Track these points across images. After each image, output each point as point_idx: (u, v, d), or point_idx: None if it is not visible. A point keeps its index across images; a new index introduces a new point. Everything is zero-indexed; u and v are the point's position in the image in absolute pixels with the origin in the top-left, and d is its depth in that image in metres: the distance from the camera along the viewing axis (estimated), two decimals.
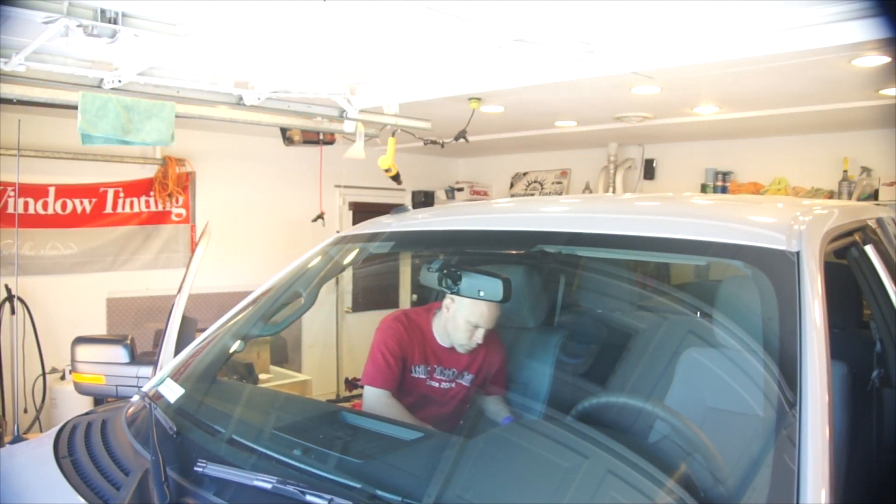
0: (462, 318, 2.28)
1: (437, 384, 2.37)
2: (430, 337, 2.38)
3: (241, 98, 3.84)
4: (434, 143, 5.36)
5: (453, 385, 2.38)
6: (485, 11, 2.66)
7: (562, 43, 3.02)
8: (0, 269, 5.07)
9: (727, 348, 1.72)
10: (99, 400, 4.45)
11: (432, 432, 1.79)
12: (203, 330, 2.31)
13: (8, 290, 4.99)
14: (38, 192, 5.34)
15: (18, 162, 4.89)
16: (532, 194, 7.43)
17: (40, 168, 5.25)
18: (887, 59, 3.35)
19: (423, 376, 2.35)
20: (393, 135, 4.72)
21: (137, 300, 5.85)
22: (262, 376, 4.49)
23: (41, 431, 4.66)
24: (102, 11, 2.49)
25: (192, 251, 3.89)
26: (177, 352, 2.37)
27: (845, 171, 5.49)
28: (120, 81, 3.32)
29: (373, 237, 2.41)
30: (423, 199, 7.80)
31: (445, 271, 1.87)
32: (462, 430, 2.23)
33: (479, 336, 2.29)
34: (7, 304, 4.98)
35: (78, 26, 2.46)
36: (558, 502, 1.36)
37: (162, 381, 2.02)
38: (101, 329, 5.65)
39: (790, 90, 4.17)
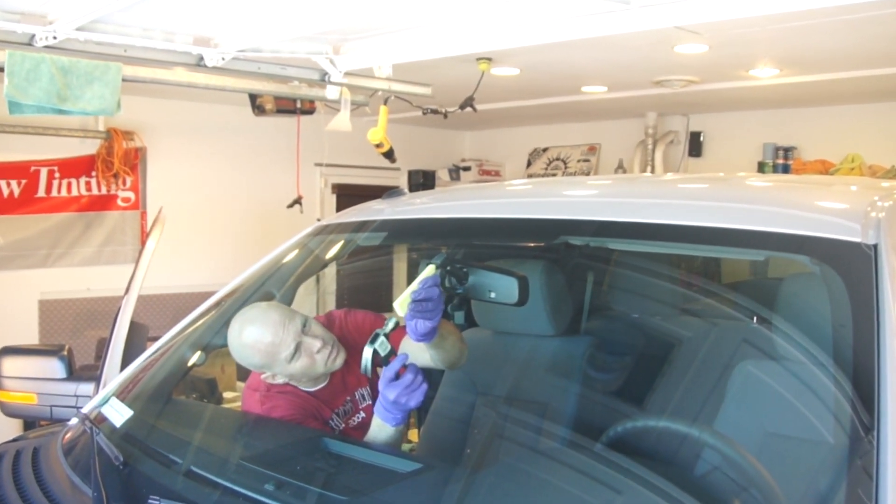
0: (294, 369, 2.13)
1: (352, 422, 2.28)
2: (304, 395, 2.22)
3: (201, 58, 3.83)
4: (435, 112, 5.35)
5: (363, 413, 2.30)
6: None
7: None
8: None
9: (790, 361, 1.72)
10: (29, 423, 4.47)
11: (432, 463, 1.79)
12: (156, 339, 2.32)
13: None
14: None
15: None
16: (554, 174, 7.44)
17: None
18: None
19: (341, 422, 2.25)
20: (385, 103, 4.72)
21: (76, 302, 5.87)
22: (226, 394, 4.50)
23: None
24: None
25: (143, 243, 3.90)
26: (123, 365, 2.38)
27: None
28: (55, 38, 3.32)
29: (361, 226, 2.41)
30: (423, 181, 7.80)
31: (449, 268, 1.86)
32: (467, 460, 2.23)
33: (321, 353, 2.13)
34: None
35: None
36: None
37: (106, 401, 2.02)
38: (32, 338, 5.66)
39: (866, 49, 4.15)
